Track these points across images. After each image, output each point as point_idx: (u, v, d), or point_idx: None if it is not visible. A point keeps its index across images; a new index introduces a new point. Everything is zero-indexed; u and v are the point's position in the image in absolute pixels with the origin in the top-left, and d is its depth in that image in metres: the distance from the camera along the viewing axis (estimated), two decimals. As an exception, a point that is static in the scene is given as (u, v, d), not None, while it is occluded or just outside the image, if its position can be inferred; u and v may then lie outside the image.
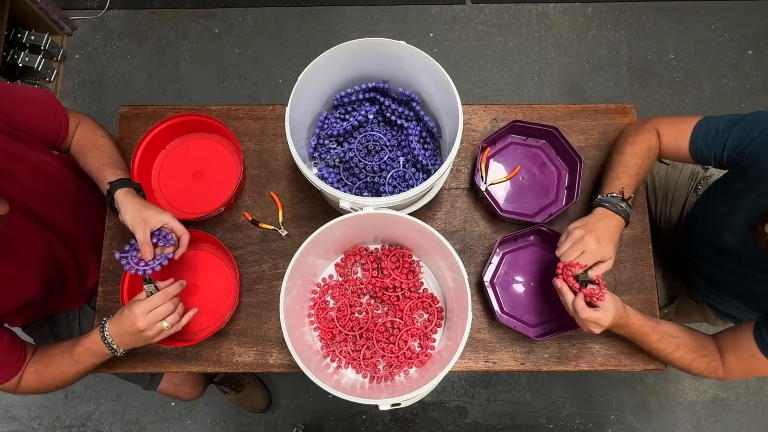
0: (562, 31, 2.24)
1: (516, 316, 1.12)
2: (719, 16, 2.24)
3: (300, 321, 1.06)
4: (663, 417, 1.92)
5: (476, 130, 1.25)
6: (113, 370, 1.13)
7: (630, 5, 2.26)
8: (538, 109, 1.26)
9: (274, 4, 2.27)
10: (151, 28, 2.25)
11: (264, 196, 1.21)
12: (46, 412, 1.92)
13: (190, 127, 1.22)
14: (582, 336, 1.13)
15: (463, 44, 2.23)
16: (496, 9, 2.26)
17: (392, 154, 1.10)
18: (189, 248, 1.16)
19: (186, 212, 1.19)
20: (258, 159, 1.23)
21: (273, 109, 1.26)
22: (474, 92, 2.18)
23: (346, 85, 1.13)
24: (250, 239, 1.19)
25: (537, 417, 1.92)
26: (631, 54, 2.21)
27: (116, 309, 1.13)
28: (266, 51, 2.22)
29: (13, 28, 2.02)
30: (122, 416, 1.91)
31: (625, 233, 1.18)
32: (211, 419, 1.91)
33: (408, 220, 0.96)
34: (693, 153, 1.05)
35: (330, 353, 1.07)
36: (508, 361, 1.12)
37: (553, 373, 1.91)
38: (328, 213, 1.19)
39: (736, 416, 1.91)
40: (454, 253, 0.94)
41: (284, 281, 0.93)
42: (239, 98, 2.17)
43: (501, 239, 1.12)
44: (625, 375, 1.95)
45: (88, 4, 2.27)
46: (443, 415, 1.92)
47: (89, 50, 2.23)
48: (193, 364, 1.13)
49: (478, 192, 1.17)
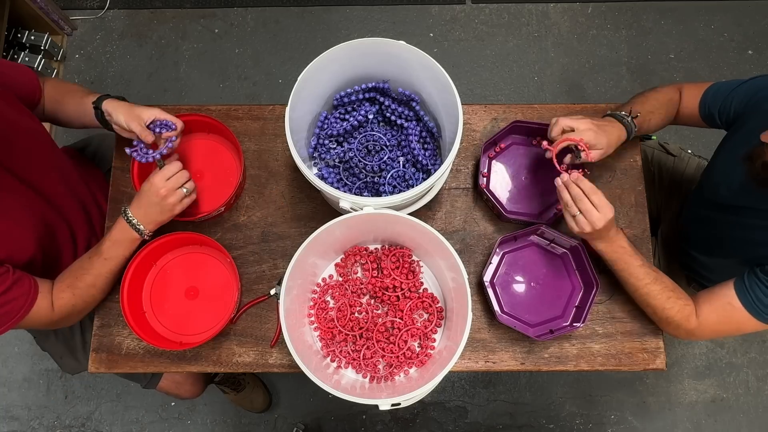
0: (562, 31, 2.24)
1: (516, 316, 1.12)
2: (719, 16, 2.24)
3: (300, 321, 1.06)
4: (663, 417, 1.92)
5: (476, 130, 1.25)
6: (114, 370, 1.13)
7: (630, 5, 2.26)
8: (538, 109, 1.26)
9: (274, 4, 2.27)
10: (151, 28, 2.25)
11: (264, 196, 1.21)
12: (46, 412, 1.92)
13: (190, 127, 1.22)
14: (582, 336, 1.13)
15: (463, 44, 2.23)
16: (496, 9, 2.26)
17: (392, 154, 1.10)
18: (188, 249, 1.17)
19: (186, 212, 1.19)
20: (258, 159, 1.23)
21: (273, 109, 1.26)
22: (474, 92, 2.18)
23: (346, 85, 1.13)
24: (250, 239, 1.19)
25: (537, 417, 1.92)
26: (631, 54, 2.21)
27: (116, 297, 1.13)
28: (266, 51, 2.22)
29: (13, 28, 2.02)
30: (122, 416, 1.91)
31: (625, 232, 1.18)
32: (211, 419, 1.91)
33: (408, 220, 0.96)
34: (702, 112, 1.13)
35: (330, 353, 1.07)
36: (508, 361, 1.12)
37: (553, 373, 1.91)
38: (328, 213, 1.19)
39: (736, 416, 1.91)
40: (454, 253, 0.94)
41: (284, 281, 0.93)
42: (239, 98, 2.17)
43: (501, 239, 1.12)
44: (625, 375, 1.95)
45: (88, 4, 2.27)
46: (443, 415, 1.92)
47: (89, 50, 2.23)
48: (193, 365, 1.13)
49: (482, 194, 1.17)
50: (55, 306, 1.02)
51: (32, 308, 0.98)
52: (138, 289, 1.13)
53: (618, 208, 1.20)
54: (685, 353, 1.97)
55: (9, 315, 0.95)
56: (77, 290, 1.03)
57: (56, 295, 1.02)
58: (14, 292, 0.95)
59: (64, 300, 1.02)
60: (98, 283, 1.06)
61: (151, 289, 1.15)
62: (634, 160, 1.22)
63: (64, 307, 1.02)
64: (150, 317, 1.13)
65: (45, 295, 1.00)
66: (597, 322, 1.14)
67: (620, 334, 1.13)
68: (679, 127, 2.10)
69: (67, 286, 1.03)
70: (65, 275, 1.05)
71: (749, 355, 1.95)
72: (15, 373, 1.95)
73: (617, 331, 1.13)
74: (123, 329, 1.14)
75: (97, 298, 1.08)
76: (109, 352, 1.13)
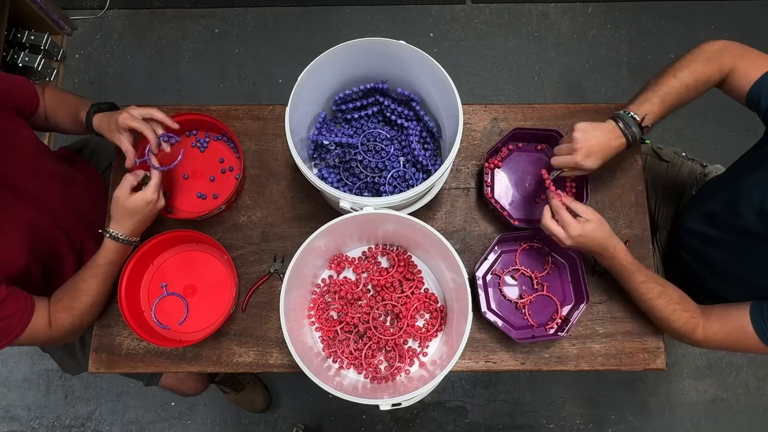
0: (562, 30, 2.24)
1: (502, 315, 1.12)
2: (719, 16, 2.24)
3: (300, 322, 1.06)
4: (663, 417, 1.92)
5: (476, 130, 1.25)
6: (114, 370, 1.13)
7: (630, 5, 2.26)
8: (539, 109, 1.26)
9: (274, 4, 2.27)
10: (151, 28, 2.25)
11: (264, 196, 1.21)
12: (46, 412, 1.92)
13: (190, 126, 1.22)
14: (582, 336, 1.13)
15: (463, 44, 2.23)
16: (496, 9, 2.26)
17: (392, 155, 1.10)
18: (185, 247, 1.17)
19: (186, 212, 1.19)
20: (258, 159, 1.23)
21: (273, 109, 1.26)
22: (474, 92, 2.18)
23: (346, 85, 1.13)
24: (250, 239, 1.19)
25: (537, 417, 1.92)
26: (632, 54, 2.21)
27: (114, 297, 1.13)
28: (266, 51, 2.22)
29: (13, 28, 2.02)
30: (122, 416, 1.91)
31: (625, 233, 1.18)
32: (211, 419, 1.91)
33: (408, 220, 0.96)
34: (749, 96, 0.98)
35: (332, 354, 1.07)
36: (508, 361, 1.12)
37: (553, 373, 1.91)
38: (328, 213, 1.19)
39: (736, 416, 1.91)
40: (454, 253, 0.94)
41: (284, 281, 0.93)
42: (239, 98, 2.17)
43: (500, 237, 1.12)
44: (625, 375, 1.95)
45: (88, 4, 2.27)
46: (443, 415, 1.92)
47: (89, 50, 2.23)
48: (193, 364, 1.13)
49: (488, 204, 1.16)
50: (53, 325, 1.01)
51: (29, 325, 0.96)
52: (136, 287, 1.13)
53: (618, 208, 1.20)
54: (686, 353, 1.97)
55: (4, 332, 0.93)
56: (75, 311, 1.03)
57: (54, 315, 1.01)
58: (8, 309, 0.93)
59: (61, 320, 1.02)
60: (96, 300, 1.06)
61: (149, 288, 1.15)
62: (634, 160, 1.22)
63: (62, 326, 1.02)
64: (148, 316, 1.13)
65: (42, 313, 0.99)
66: (597, 322, 1.14)
67: (620, 334, 1.13)
68: (679, 127, 2.11)
69: (64, 307, 1.02)
70: (62, 294, 1.04)
71: (749, 355, 1.95)
72: (15, 373, 1.95)
73: (617, 331, 1.13)
74: (123, 329, 1.14)
75: (98, 312, 1.10)
76: (109, 352, 1.13)
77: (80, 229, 1.19)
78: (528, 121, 1.25)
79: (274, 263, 1.16)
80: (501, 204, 1.16)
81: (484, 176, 1.16)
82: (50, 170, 1.14)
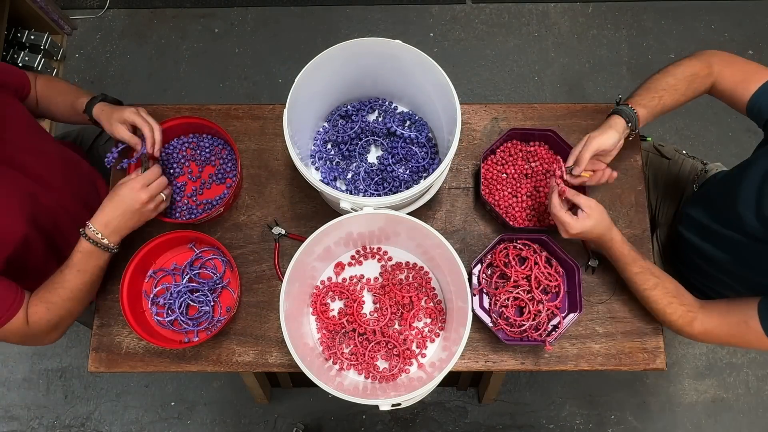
0: (562, 30, 2.24)
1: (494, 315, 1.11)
2: (719, 16, 2.24)
3: (300, 322, 1.06)
4: (663, 417, 1.92)
5: (476, 129, 1.25)
6: (114, 369, 1.13)
7: (630, 5, 2.26)
8: (539, 109, 1.26)
9: (274, 3, 2.26)
10: (151, 27, 2.25)
11: (264, 195, 1.21)
12: (46, 412, 1.92)
13: (188, 129, 1.22)
14: (582, 336, 1.13)
15: (463, 44, 2.23)
16: (496, 9, 2.26)
17: (392, 155, 1.10)
18: (189, 249, 1.17)
19: (184, 215, 1.19)
20: (258, 158, 1.23)
21: (273, 108, 1.26)
22: (474, 92, 2.18)
23: (345, 85, 1.13)
24: (250, 239, 1.19)
25: (537, 417, 1.92)
26: (632, 54, 2.21)
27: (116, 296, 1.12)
28: (266, 51, 2.22)
29: (12, 28, 2.02)
30: (122, 416, 1.91)
31: (625, 233, 1.17)
32: (211, 419, 1.91)
33: (408, 219, 0.96)
34: (750, 107, 1.01)
35: (332, 355, 1.07)
36: (508, 360, 1.12)
37: (553, 373, 1.91)
38: (328, 213, 1.19)
39: (736, 416, 1.91)
40: (454, 253, 0.94)
41: (284, 281, 0.93)
42: (239, 98, 2.17)
43: (501, 236, 1.11)
44: (625, 375, 1.95)
45: (88, 4, 2.27)
46: (443, 415, 1.91)
47: (89, 50, 2.23)
48: (193, 364, 1.13)
49: (485, 205, 1.16)
50: (30, 320, 0.97)
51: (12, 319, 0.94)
52: (138, 287, 1.13)
53: (618, 208, 1.20)
54: (686, 353, 1.97)
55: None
56: (51, 305, 0.98)
57: (30, 309, 0.97)
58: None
59: (39, 315, 0.97)
60: (75, 296, 1.01)
61: (151, 288, 1.14)
62: (634, 160, 1.22)
63: (38, 322, 0.97)
64: (149, 316, 1.13)
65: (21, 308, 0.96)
66: (597, 321, 1.14)
67: (620, 334, 1.13)
68: (679, 127, 2.11)
69: (40, 300, 0.98)
70: (40, 289, 1.01)
71: (749, 355, 1.95)
72: (15, 373, 1.95)
73: (617, 330, 1.13)
74: (123, 328, 1.14)
75: (75, 310, 1.04)
76: (109, 351, 1.13)
77: (84, 214, 1.16)
78: (528, 121, 1.25)
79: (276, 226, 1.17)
80: (498, 204, 1.16)
81: (481, 177, 1.15)
82: (47, 148, 1.13)
